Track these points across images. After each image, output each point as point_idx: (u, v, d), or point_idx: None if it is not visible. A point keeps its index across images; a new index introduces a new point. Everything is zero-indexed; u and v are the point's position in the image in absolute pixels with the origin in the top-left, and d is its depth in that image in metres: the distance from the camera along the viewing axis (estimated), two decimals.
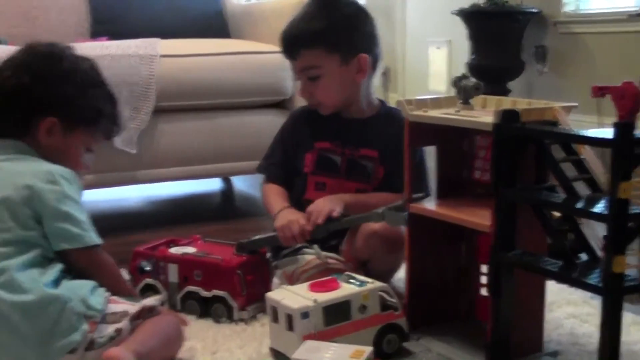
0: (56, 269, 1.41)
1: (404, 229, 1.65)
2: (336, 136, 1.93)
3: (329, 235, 1.82)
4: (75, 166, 1.58)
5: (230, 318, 1.72)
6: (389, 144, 1.89)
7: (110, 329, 1.39)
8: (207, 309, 1.74)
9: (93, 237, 1.47)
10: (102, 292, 1.44)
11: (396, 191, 1.78)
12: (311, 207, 1.79)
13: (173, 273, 1.77)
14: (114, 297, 1.48)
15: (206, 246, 1.85)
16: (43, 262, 1.40)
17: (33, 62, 1.57)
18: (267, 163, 2.02)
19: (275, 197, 1.92)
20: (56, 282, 1.38)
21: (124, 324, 1.41)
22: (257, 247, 1.80)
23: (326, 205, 1.77)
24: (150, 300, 1.50)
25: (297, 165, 1.95)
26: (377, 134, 1.92)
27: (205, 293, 1.73)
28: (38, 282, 1.35)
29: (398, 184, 1.72)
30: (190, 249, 1.81)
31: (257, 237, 1.81)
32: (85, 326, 1.35)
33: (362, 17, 1.93)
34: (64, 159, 1.55)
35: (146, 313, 1.46)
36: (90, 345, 1.36)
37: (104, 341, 1.38)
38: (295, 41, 1.89)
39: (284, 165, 1.98)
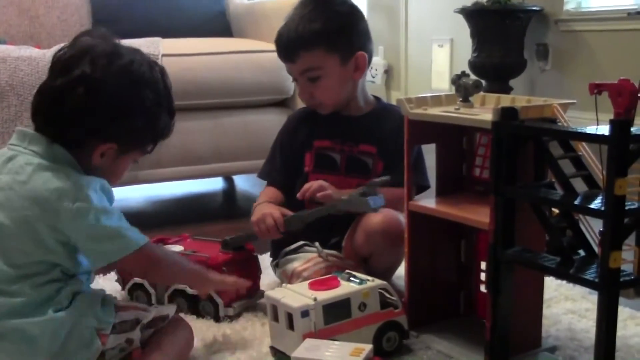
0: (74, 286, 1.37)
1: (403, 223, 1.66)
2: (335, 134, 1.93)
3: (328, 233, 1.85)
4: (116, 180, 1.49)
5: (217, 315, 1.73)
6: (387, 139, 1.90)
7: (121, 340, 1.39)
8: (194, 306, 1.75)
9: (131, 243, 1.37)
10: (111, 302, 1.43)
11: (395, 185, 1.78)
12: (305, 186, 1.82)
13: None
14: (124, 304, 1.47)
15: (194, 244, 1.86)
16: (60, 280, 1.36)
17: (111, 85, 1.38)
18: (268, 169, 2.02)
19: (261, 196, 1.94)
20: (71, 302, 1.35)
21: (135, 334, 1.41)
22: (240, 244, 1.81)
23: (316, 183, 1.80)
24: (164, 309, 1.50)
25: (298, 167, 1.95)
26: (375, 129, 1.93)
27: (191, 290, 1.74)
28: (51, 305, 1.33)
29: (397, 178, 1.73)
30: (178, 247, 1.82)
31: (240, 234, 1.82)
32: (97, 341, 1.35)
33: (356, 15, 1.93)
34: (107, 175, 1.45)
35: (159, 322, 1.46)
36: (101, 357, 1.36)
37: (115, 353, 1.38)
38: (293, 44, 1.88)
39: (284, 169, 1.98)
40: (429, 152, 1.67)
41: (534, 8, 4.64)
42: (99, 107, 1.38)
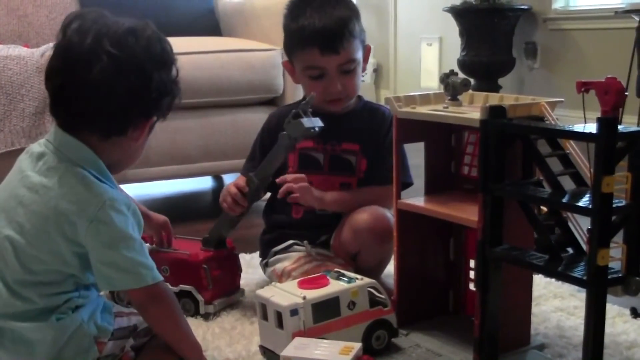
0: (83, 300, 1.36)
1: (391, 219, 1.66)
2: (318, 134, 1.91)
3: (316, 231, 1.86)
4: (138, 159, 1.47)
5: (197, 312, 1.73)
6: (370, 137, 1.90)
7: (117, 347, 1.40)
8: None
9: (140, 279, 1.33)
10: (111, 309, 1.42)
11: (380, 182, 1.78)
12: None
13: None
14: (123, 309, 1.47)
15: (175, 242, 1.86)
16: (72, 292, 1.35)
17: (140, 57, 1.34)
18: (249, 167, 1.99)
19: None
20: (73, 310, 1.35)
21: (128, 342, 1.42)
22: (216, 235, 1.80)
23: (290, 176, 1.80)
24: None
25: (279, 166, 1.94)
26: (357, 127, 1.92)
27: (172, 288, 1.73)
28: (54, 313, 1.32)
29: (381, 175, 1.73)
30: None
31: (214, 225, 1.81)
32: (94, 349, 1.35)
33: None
34: (132, 157, 1.45)
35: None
36: None
37: None
38: (341, 34, 1.81)
39: None
40: (418, 151, 1.67)
41: (523, 7, 4.67)
42: (143, 85, 1.33)
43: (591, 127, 1.14)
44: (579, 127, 1.18)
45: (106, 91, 1.31)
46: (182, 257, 1.76)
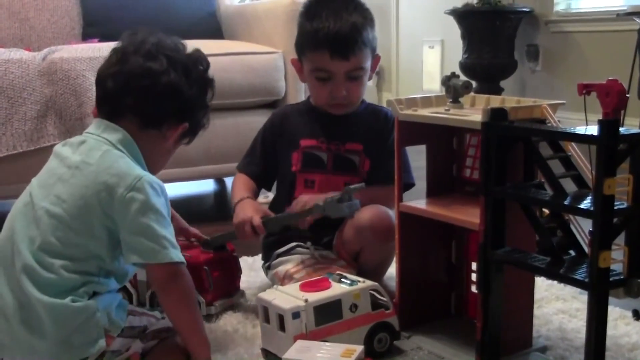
0: (99, 287, 1.38)
1: (393, 218, 1.66)
2: (321, 133, 1.92)
3: (319, 232, 1.85)
4: (161, 169, 1.59)
5: None
6: (373, 138, 1.91)
7: (124, 345, 1.41)
8: None
9: (165, 254, 1.38)
10: (125, 306, 1.45)
11: (382, 183, 1.78)
12: (293, 204, 1.81)
13: (141, 271, 1.76)
14: (136, 309, 1.49)
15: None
16: (92, 275, 1.38)
17: (189, 65, 1.53)
18: (245, 162, 2.01)
19: (239, 186, 1.93)
20: (89, 299, 1.37)
21: (135, 342, 1.43)
22: (219, 244, 1.81)
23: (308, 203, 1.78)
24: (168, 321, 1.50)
25: (281, 165, 1.95)
26: (361, 128, 1.92)
27: None
28: (70, 295, 1.34)
29: (383, 176, 1.73)
30: None
31: (219, 234, 1.83)
32: (102, 341, 1.36)
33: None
34: (162, 162, 1.58)
35: (163, 333, 1.48)
36: (100, 357, 1.37)
37: (114, 357, 1.39)
38: (354, 41, 1.82)
39: (261, 163, 1.97)
40: (419, 153, 1.67)
41: (524, 9, 4.67)
42: (184, 83, 1.49)
43: (592, 130, 1.14)
44: (580, 130, 1.18)
45: (153, 79, 1.46)
46: None
